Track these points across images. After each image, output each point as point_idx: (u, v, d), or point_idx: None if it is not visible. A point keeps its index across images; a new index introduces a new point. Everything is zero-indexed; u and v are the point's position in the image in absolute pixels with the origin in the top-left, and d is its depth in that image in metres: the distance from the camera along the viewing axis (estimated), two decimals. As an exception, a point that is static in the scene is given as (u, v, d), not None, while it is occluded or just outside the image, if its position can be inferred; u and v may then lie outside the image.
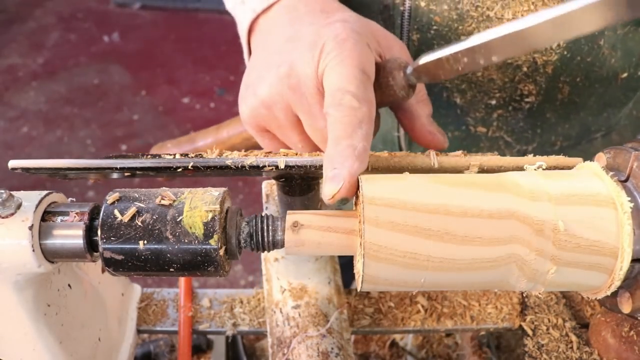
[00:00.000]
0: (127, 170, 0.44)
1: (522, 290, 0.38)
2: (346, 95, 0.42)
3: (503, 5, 0.59)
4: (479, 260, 0.36)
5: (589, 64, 0.65)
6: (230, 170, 0.44)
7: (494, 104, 0.68)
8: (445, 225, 0.35)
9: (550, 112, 0.71)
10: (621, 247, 0.35)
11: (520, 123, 0.71)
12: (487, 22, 0.60)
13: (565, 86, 0.67)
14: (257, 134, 0.51)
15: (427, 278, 0.36)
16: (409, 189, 0.37)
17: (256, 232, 0.41)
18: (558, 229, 0.35)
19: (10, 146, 2.60)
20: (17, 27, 3.41)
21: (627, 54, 0.67)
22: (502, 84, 0.66)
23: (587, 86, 0.68)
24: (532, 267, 0.36)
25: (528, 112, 0.70)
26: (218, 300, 0.65)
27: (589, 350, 0.55)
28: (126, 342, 0.60)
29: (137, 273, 0.40)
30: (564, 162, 0.43)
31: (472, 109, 0.70)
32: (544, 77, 0.65)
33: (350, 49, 0.43)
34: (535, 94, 0.67)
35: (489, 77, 0.65)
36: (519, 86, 0.66)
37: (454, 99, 0.68)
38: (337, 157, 0.39)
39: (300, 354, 0.51)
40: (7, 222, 0.39)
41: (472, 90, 0.67)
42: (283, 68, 0.45)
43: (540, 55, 0.62)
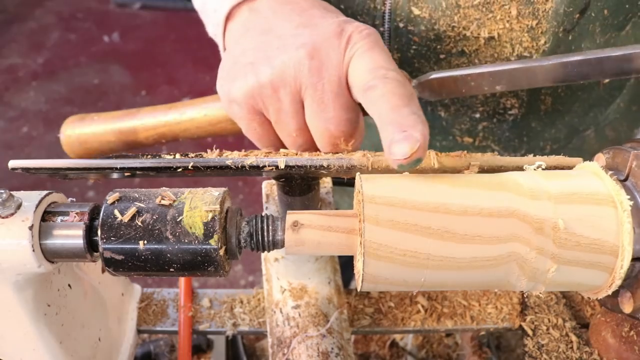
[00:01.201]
0: (127, 170, 0.44)
1: (522, 290, 0.38)
2: (389, 71, 0.41)
3: (479, 25, 0.59)
4: (479, 258, 0.36)
5: None
6: (230, 170, 0.44)
7: (478, 117, 0.69)
8: (445, 223, 0.36)
9: (535, 121, 0.72)
10: (621, 246, 0.35)
11: (506, 133, 0.72)
12: (465, 41, 0.61)
13: (547, 97, 0.68)
14: (246, 115, 0.48)
15: (427, 277, 0.36)
16: (408, 188, 0.37)
17: (256, 232, 0.41)
18: (558, 227, 0.35)
19: (10, 146, 2.60)
20: (17, 27, 3.41)
21: None
22: (484, 99, 0.67)
23: (570, 95, 0.69)
24: (533, 266, 0.36)
25: (513, 123, 0.70)
26: (218, 300, 0.65)
27: (589, 350, 0.55)
28: (126, 342, 0.60)
29: (137, 273, 0.40)
30: (564, 162, 0.43)
31: (457, 122, 0.70)
32: (525, 91, 0.66)
33: (376, 41, 0.43)
34: (517, 106, 0.68)
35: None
36: (501, 100, 0.67)
37: (439, 112, 0.69)
38: (403, 122, 0.38)
39: (300, 354, 0.51)
40: (7, 222, 0.39)
41: (455, 105, 0.68)
42: (303, 50, 0.43)
43: None
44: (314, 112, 0.45)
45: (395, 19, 0.61)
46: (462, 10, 0.58)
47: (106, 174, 0.46)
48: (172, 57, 3.17)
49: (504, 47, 0.61)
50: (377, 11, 0.61)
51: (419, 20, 0.60)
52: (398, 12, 0.60)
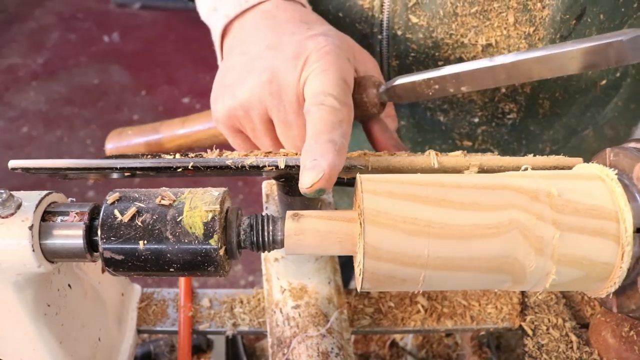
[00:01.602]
0: (127, 170, 0.44)
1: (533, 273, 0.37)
2: (328, 97, 0.43)
3: (476, 32, 0.60)
4: (480, 226, 0.35)
5: (566, 80, 0.66)
6: (230, 170, 0.44)
7: (477, 121, 0.70)
8: (441, 193, 0.36)
9: (533, 125, 0.72)
10: (619, 209, 0.35)
11: (505, 136, 0.72)
12: (462, 48, 0.61)
13: (546, 101, 0.69)
14: (229, 133, 0.52)
15: (430, 249, 0.35)
16: (404, 174, 0.40)
17: (256, 232, 0.41)
18: (552, 195, 0.36)
19: (10, 146, 2.60)
20: (17, 27, 3.41)
21: None
22: (483, 104, 0.67)
23: (567, 98, 0.69)
24: (536, 234, 0.35)
25: (511, 126, 0.71)
26: (218, 300, 0.65)
27: (589, 350, 0.55)
28: (126, 342, 0.60)
29: (137, 273, 0.40)
30: (564, 162, 0.44)
31: (456, 126, 0.71)
32: (523, 96, 0.66)
33: (333, 61, 0.45)
34: (516, 111, 0.68)
35: (469, 97, 0.66)
36: (500, 105, 0.67)
37: (438, 117, 0.70)
38: (317, 150, 0.40)
39: (300, 354, 0.51)
40: (7, 222, 0.39)
41: (454, 110, 0.69)
42: (265, 75, 0.47)
43: None
44: (281, 130, 0.48)
45: (393, 27, 0.61)
46: (460, 18, 0.59)
47: (106, 174, 0.46)
48: (172, 57, 3.17)
49: (501, 54, 0.61)
50: (375, 19, 0.62)
51: (416, 28, 0.60)
52: (396, 20, 0.61)
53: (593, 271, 0.36)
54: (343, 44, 0.48)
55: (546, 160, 0.43)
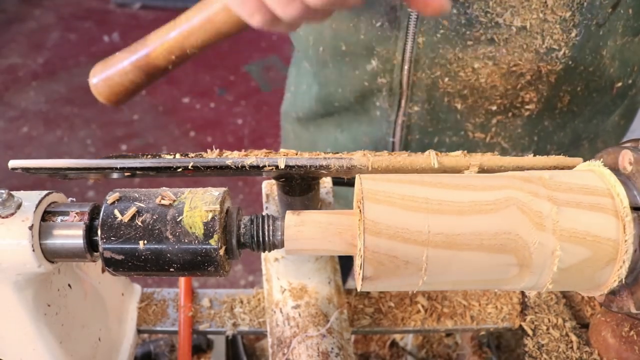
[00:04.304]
0: (127, 170, 0.44)
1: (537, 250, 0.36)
2: None
3: (513, 13, 0.58)
4: (478, 202, 0.36)
5: (590, 74, 0.66)
6: (230, 170, 0.44)
7: (495, 110, 0.69)
8: (437, 178, 0.38)
9: (548, 120, 0.72)
10: (611, 186, 0.37)
11: (519, 130, 0.72)
12: (496, 29, 0.60)
13: (566, 95, 0.68)
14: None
15: (431, 224, 0.35)
16: (403, 175, 0.40)
17: (256, 232, 0.41)
18: (544, 178, 0.37)
19: (10, 146, 2.59)
20: (17, 27, 3.41)
21: (624, 64, 0.68)
22: (505, 91, 0.66)
23: (586, 95, 0.69)
24: (534, 209, 0.36)
25: (527, 119, 0.70)
26: (218, 300, 0.65)
27: (589, 350, 0.55)
28: (126, 342, 0.60)
29: (137, 273, 0.40)
30: (564, 162, 0.43)
31: (472, 114, 0.70)
32: (547, 86, 0.66)
33: None
34: (536, 101, 0.67)
35: (492, 83, 0.65)
36: (521, 93, 0.66)
37: (455, 104, 0.69)
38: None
39: (300, 354, 0.51)
40: (7, 222, 0.39)
41: (473, 96, 0.67)
42: None
43: (545, 64, 0.62)
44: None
45: None
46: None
47: (106, 174, 0.46)
48: (172, 57, 3.16)
49: (534, 38, 0.60)
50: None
51: (452, 3, 0.58)
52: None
53: (599, 249, 0.36)
54: None
55: (546, 160, 0.43)
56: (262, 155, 0.45)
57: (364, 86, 0.71)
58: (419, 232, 0.35)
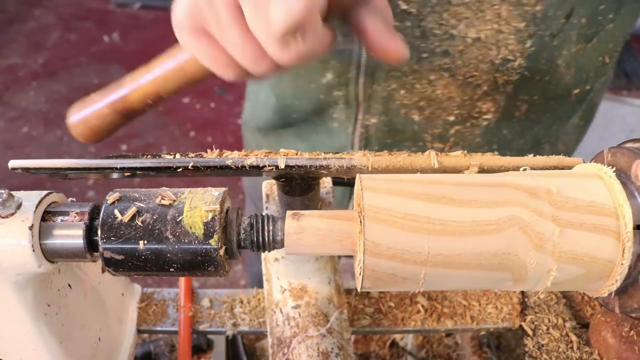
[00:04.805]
0: (127, 170, 0.44)
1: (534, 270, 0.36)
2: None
3: (467, 24, 0.58)
4: (480, 222, 0.35)
5: (546, 82, 0.66)
6: (230, 170, 0.44)
7: (452, 120, 0.68)
8: (441, 191, 0.37)
9: (506, 128, 0.71)
10: (618, 205, 0.35)
11: (477, 139, 0.72)
12: (450, 41, 0.59)
13: (524, 104, 0.68)
14: (192, 37, 0.46)
15: (431, 246, 0.35)
16: (404, 175, 0.40)
17: (256, 231, 0.41)
18: (551, 191, 0.36)
19: (10, 146, 2.60)
20: (17, 27, 3.41)
21: (579, 71, 0.68)
22: (462, 102, 0.66)
23: (544, 103, 0.69)
24: (536, 230, 0.35)
25: (485, 128, 0.70)
26: (218, 300, 0.65)
27: (589, 350, 0.55)
28: (126, 342, 0.60)
29: (137, 273, 0.40)
30: (565, 162, 0.44)
31: (430, 125, 0.69)
32: (504, 96, 0.66)
33: None
34: (493, 111, 0.67)
35: (448, 94, 0.65)
36: (478, 104, 0.66)
37: (412, 115, 0.68)
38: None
39: (300, 354, 0.51)
40: (7, 222, 0.39)
41: (430, 107, 0.67)
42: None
43: (501, 74, 0.62)
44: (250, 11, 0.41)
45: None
46: (453, 8, 0.57)
47: (106, 174, 0.46)
48: (172, 57, 3.17)
49: (489, 49, 0.60)
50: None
51: (405, 16, 0.58)
52: None
53: (594, 268, 0.36)
54: None
55: (547, 160, 0.43)
56: (262, 155, 0.45)
57: (320, 99, 0.70)
58: (418, 253, 0.35)
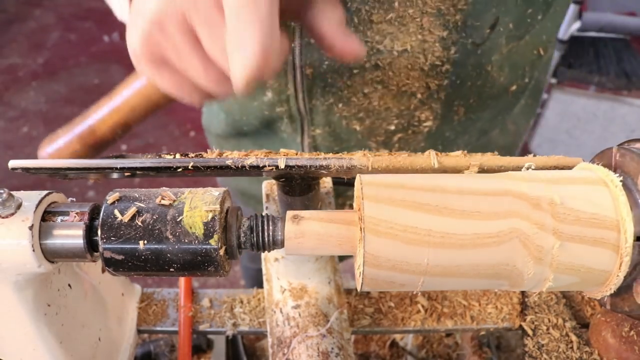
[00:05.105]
0: (127, 170, 0.44)
1: (531, 279, 0.37)
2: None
3: (392, 39, 0.59)
4: (481, 235, 0.35)
5: (479, 87, 0.67)
6: (230, 170, 0.44)
7: (393, 129, 0.70)
8: (442, 201, 0.36)
9: (448, 131, 0.73)
10: (621, 218, 0.35)
11: (422, 143, 0.73)
12: (378, 55, 0.61)
13: (460, 108, 0.69)
14: (153, 69, 0.44)
15: (430, 258, 0.35)
16: (405, 177, 0.39)
17: (256, 231, 0.41)
18: (555, 202, 0.36)
19: (10, 146, 2.60)
20: (17, 27, 3.41)
21: (514, 69, 0.69)
22: (399, 112, 0.67)
23: (481, 104, 0.70)
24: (536, 243, 0.35)
25: (427, 134, 0.71)
26: (218, 300, 0.65)
27: (589, 350, 0.55)
28: (126, 342, 0.60)
29: (137, 273, 0.40)
30: (564, 162, 0.43)
31: (373, 134, 0.71)
32: (439, 104, 0.67)
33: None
34: (432, 119, 0.69)
35: (385, 106, 0.66)
36: (416, 113, 0.68)
37: (354, 126, 0.69)
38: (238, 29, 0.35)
39: (300, 354, 0.51)
40: (7, 222, 0.39)
41: (370, 118, 0.68)
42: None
43: (432, 79, 0.63)
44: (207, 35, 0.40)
45: (306, 35, 0.59)
46: (375, 26, 0.58)
47: (106, 174, 0.46)
48: (172, 57, 3.17)
49: (417, 58, 0.61)
50: (288, 27, 0.59)
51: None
52: None
53: (589, 278, 0.36)
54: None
55: (546, 160, 0.43)
56: (262, 155, 0.45)
57: (265, 115, 0.72)
58: (418, 265, 0.36)
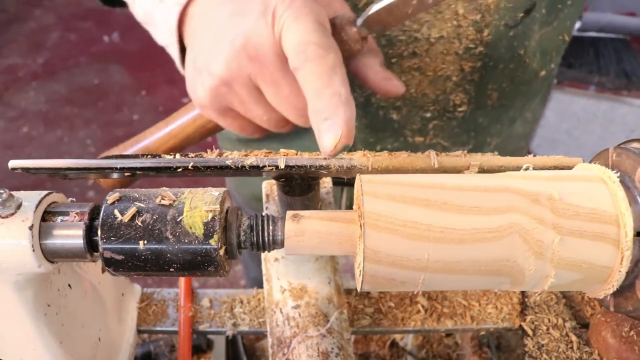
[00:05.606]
0: (127, 170, 0.44)
1: (532, 275, 0.37)
2: (310, 46, 0.41)
3: (429, 26, 0.61)
4: (480, 230, 0.35)
5: (512, 70, 0.68)
6: (230, 170, 0.44)
7: (429, 116, 0.70)
8: (442, 196, 0.36)
9: (482, 117, 0.74)
10: (620, 213, 0.35)
11: (456, 129, 0.74)
12: (416, 43, 0.62)
13: (494, 92, 0.70)
14: (218, 116, 0.50)
15: (430, 253, 0.35)
16: (404, 175, 0.39)
17: (256, 232, 0.41)
18: (553, 198, 0.36)
19: (10, 146, 2.60)
20: (17, 27, 3.41)
21: (544, 54, 0.71)
22: (435, 97, 0.68)
23: (513, 89, 0.72)
24: (536, 238, 0.35)
25: (462, 119, 0.72)
26: (218, 300, 0.65)
27: (589, 350, 0.55)
28: (126, 342, 0.60)
29: (137, 273, 0.40)
30: (564, 162, 0.44)
31: (409, 122, 0.71)
32: (473, 85, 0.68)
33: (301, 7, 0.43)
34: (466, 102, 0.70)
35: (422, 92, 0.67)
36: (451, 97, 0.69)
37: (390, 115, 0.70)
38: (325, 108, 0.39)
39: (300, 354, 0.51)
40: (7, 222, 0.39)
41: (407, 106, 0.69)
42: (238, 41, 0.44)
43: (466, 62, 0.65)
44: (271, 94, 0.45)
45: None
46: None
47: (106, 174, 0.46)
48: (172, 57, 3.17)
49: (452, 43, 0.63)
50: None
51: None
52: None
53: (591, 274, 0.36)
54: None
55: (546, 160, 0.44)
56: (262, 155, 0.45)
57: None
58: (418, 260, 0.36)
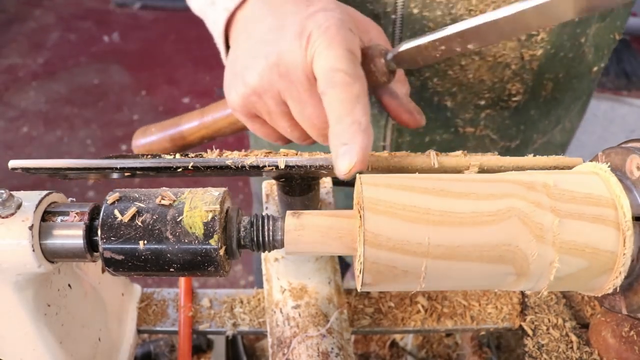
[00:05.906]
0: (127, 170, 0.44)
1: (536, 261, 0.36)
2: (338, 73, 0.43)
3: (495, 8, 0.59)
4: (479, 213, 0.36)
5: (570, 60, 0.68)
6: (230, 170, 0.44)
7: (483, 104, 0.70)
8: (440, 185, 0.37)
9: (534, 109, 0.74)
10: (615, 196, 0.36)
11: (507, 121, 0.74)
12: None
13: (549, 82, 0.70)
14: (247, 120, 0.53)
15: (431, 236, 0.35)
16: (403, 174, 0.40)
17: (256, 232, 0.41)
18: (548, 185, 0.37)
19: (10, 146, 2.60)
20: (17, 27, 3.41)
21: (598, 49, 0.71)
22: (492, 84, 0.68)
23: (567, 81, 0.72)
24: (536, 220, 0.35)
25: (514, 110, 0.72)
26: (218, 300, 0.65)
27: (589, 350, 0.55)
28: (126, 342, 0.60)
29: (137, 273, 0.40)
30: (564, 162, 0.44)
31: (462, 111, 0.71)
32: (531, 75, 0.68)
33: (335, 35, 0.45)
34: (522, 92, 0.69)
35: (479, 78, 0.66)
36: (507, 86, 0.68)
37: (445, 102, 0.70)
38: (344, 134, 0.41)
39: (300, 354, 0.51)
40: (7, 222, 0.39)
41: (462, 93, 0.69)
42: (272, 57, 0.47)
43: (527, 49, 0.64)
44: (296, 111, 0.48)
45: (409, 5, 0.61)
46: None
47: (106, 174, 0.46)
48: (172, 57, 3.17)
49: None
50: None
51: (435, 5, 0.60)
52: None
53: (596, 260, 0.36)
54: (344, 16, 0.48)
55: (546, 160, 0.44)
56: (262, 155, 0.45)
57: None
58: (419, 244, 0.35)
